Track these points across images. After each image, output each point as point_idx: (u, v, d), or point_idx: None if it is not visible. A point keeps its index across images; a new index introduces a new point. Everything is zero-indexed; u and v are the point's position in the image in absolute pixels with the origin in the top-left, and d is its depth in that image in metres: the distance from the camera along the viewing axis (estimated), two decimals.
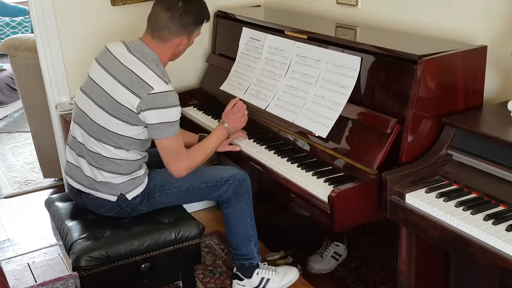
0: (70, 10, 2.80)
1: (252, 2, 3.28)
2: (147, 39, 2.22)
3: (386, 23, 2.52)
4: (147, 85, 2.10)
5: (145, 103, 2.09)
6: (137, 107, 2.09)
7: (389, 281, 2.23)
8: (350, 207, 1.91)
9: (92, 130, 2.19)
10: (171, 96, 2.13)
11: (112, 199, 2.21)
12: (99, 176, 2.20)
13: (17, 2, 6.44)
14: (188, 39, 2.27)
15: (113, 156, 2.18)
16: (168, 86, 2.15)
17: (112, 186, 2.20)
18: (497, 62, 2.05)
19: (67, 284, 2.75)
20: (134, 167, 2.23)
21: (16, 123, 5.29)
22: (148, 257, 2.18)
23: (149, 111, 2.10)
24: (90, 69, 2.27)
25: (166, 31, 2.20)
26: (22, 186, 3.91)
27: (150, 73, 2.14)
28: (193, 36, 2.30)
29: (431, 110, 1.94)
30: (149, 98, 2.09)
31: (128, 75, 2.13)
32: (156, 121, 2.12)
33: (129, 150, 2.19)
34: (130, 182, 2.22)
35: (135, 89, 2.10)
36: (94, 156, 2.20)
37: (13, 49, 3.68)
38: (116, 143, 2.16)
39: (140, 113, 2.11)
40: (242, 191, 2.41)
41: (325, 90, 2.27)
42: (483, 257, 1.54)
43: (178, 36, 2.22)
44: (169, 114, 2.13)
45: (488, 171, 1.77)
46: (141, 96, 2.09)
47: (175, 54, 2.30)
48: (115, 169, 2.19)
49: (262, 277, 2.54)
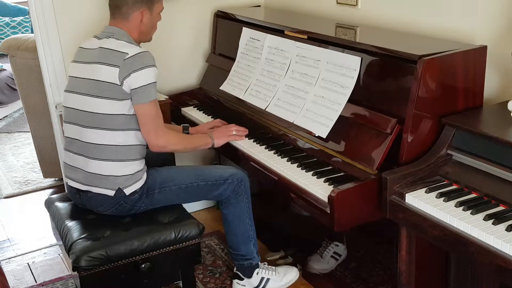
0: (70, 10, 2.80)
1: (252, 2, 3.28)
2: (112, 22, 2.30)
3: (386, 23, 2.52)
4: (121, 53, 2.15)
5: (124, 70, 2.13)
6: (119, 77, 2.13)
7: (389, 281, 2.23)
8: (350, 207, 1.91)
9: (84, 120, 2.21)
10: (147, 57, 2.17)
11: (110, 194, 2.21)
12: (96, 167, 2.20)
13: (17, 2, 6.44)
14: (150, 12, 2.30)
15: (109, 142, 2.18)
16: (142, 48, 2.20)
17: (110, 180, 2.20)
18: (497, 62, 2.05)
19: (67, 284, 2.75)
20: (132, 154, 2.23)
21: (16, 123, 5.29)
22: (148, 257, 2.18)
23: (130, 77, 2.13)
24: (69, 72, 2.34)
25: (124, 7, 2.25)
26: (22, 186, 3.91)
27: (122, 42, 2.20)
28: (155, 9, 2.33)
29: (431, 110, 1.94)
30: (126, 63, 2.13)
31: (101, 52, 2.19)
32: (138, 85, 2.14)
33: (125, 130, 2.20)
34: (129, 177, 2.22)
35: (111, 61, 2.15)
36: (90, 147, 2.20)
37: (13, 49, 3.69)
38: (110, 124, 2.18)
39: (122, 83, 2.13)
40: (241, 191, 2.42)
41: (325, 90, 2.28)
42: (483, 257, 1.54)
43: (137, 9, 2.26)
44: (149, 75, 2.16)
45: (488, 171, 1.77)
46: (118, 65, 2.13)
47: (143, 32, 2.32)
48: (113, 156, 2.19)
49: (262, 277, 2.54)
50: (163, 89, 3.06)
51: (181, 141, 2.36)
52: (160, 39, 3.07)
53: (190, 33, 3.16)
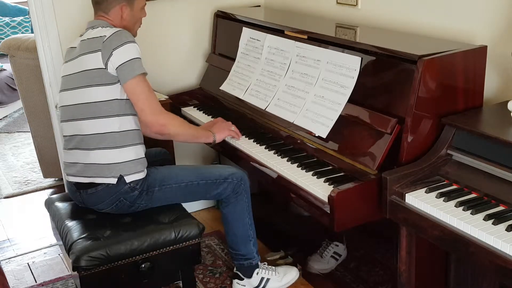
0: (70, 10, 2.80)
1: (252, 2, 3.28)
2: (94, 18, 2.32)
3: (386, 23, 2.52)
4: (100, 37, 2.18)
5: (105, 51, 2.15)
6: (102, 60, 2.15)
7: (389, 281, 2.23)
8: (350, 207, 1.91)
9: (79, 113, 2.22)
10: (124, 34, 2.19)
11: (113, 182, 2.20)
12: (97, 157, 2.20)
13: (17, 2, 6.44)
14: (130, 8, 2.31)
15: (106, 130, 2.19)
16: (117, 28, 2.21)
17: (112, 168, 2.20)
18: (497, 62, 2.05)
19: (67, 284, 2.75)
20: (130, 139, 2.23)
21: (16, 123, 5.29)
22: (148, 257, 2.18)
23: (112, 56, 2.14)
24: (61, 73, 2.35)
25: (103, 3, 2.27)
26: (22, 186, 3.91)
27: (98, 29, 2.23)
28: (136, 5, 2.33)
29: (431, 110, 1.94)
30: (105, 45, 2.15)
31: (83, 44, 2.23)
32: (120, 62, 2.15)
33: (121, 115, 2.20)
34: (130, 164, 2.21)
35: (92, 47, 2.18)
36: (89, 139, 2.21)
37: (13, 49, 3.69)
38: (105, 112, 2.18)
39: (107, 65, 2.15)
40: (241, 190, 2.42)
41: (325, 90, 2.28)
42: (483, 257, 1.54)
43: (117, 4, 2.27)
44: (128, 50, 2.16)
45: (488, 171, 1.77)
46: (99, 48, 2.16)
47: (126, 27, 2.31)
48: (111, 143, 2.19)
49: (262, 277, 2.54)
50: (163, 89, 3.06)
51: (182, 124, 2.34)
52: (160, 39, 3.08)
53: (190, 33, 3.16)
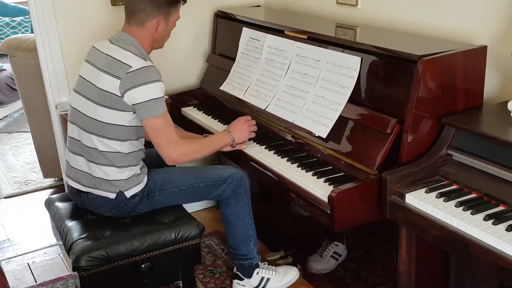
0: (70, 10, 2.80)
1: (252, 2, 3.28)
2: (126, 27, 2.25)
3: (386, 23, 2.52)
4: (125, 65, 2.11)
5: (126, 83, 2.09)
6: (119, 89, 2.10)
7: (389, 281, 2.23)
8: (350, 207, 1.91)
9: (85, 125, 2.20)
10: (151, 71, 2.12)
11: (111, 196, 2.21)
12: (97, 171, 2.20)
13: (17, 2, 6.44)
14: (165, 21, 2.26)
15: (108, 150, 2.18)
16: (147, 62, 2.15)
17: (111, 183, 2.20)
18: (497, 62, 2.05)
19: (67, 284, 2.75)
20: (129, 161, 2.22)
21: (16, 123, 5.29)
22: (148, 257, 2.18)
23: (131, 90, 2.09)
24: (80, 70, 2.31)
25: (141, 14, 2.20)
26: (22, 186, 3.91)
27: (127, 53, 2.15)
28: (171, 18, 2.29)
29: (431, 110, 1.94)
30: (128, 76, 2.09)
31: (107, 60, 2.15)
32: (140, 100, 2.10)
33: (124, 141, 2.19)
34: (129, 180, 2.22)
35: (114, 72, 2.11)
36: (91, 151, 2.20)
37: (13, 49, 3.69)
38: (109, 133, 2.16)
39: (123, 95, 2.10)
40: (241, 191, 2.42)
41: (325, 90, 2.27)
42: (483, 257, 1.54)
43: (154, 17, 2.22)
44: (152, 90, 2.11)
45: (488, 171, 1.77)
46: (120, 77, 2.09)
47: (156, 39, 2.28)
48: (111, 162, 2.19)
49: (262, 277, 2.54)
50: None
51: (196, 151, 2.29)
52: None
53: (190, 33, 3.16)
